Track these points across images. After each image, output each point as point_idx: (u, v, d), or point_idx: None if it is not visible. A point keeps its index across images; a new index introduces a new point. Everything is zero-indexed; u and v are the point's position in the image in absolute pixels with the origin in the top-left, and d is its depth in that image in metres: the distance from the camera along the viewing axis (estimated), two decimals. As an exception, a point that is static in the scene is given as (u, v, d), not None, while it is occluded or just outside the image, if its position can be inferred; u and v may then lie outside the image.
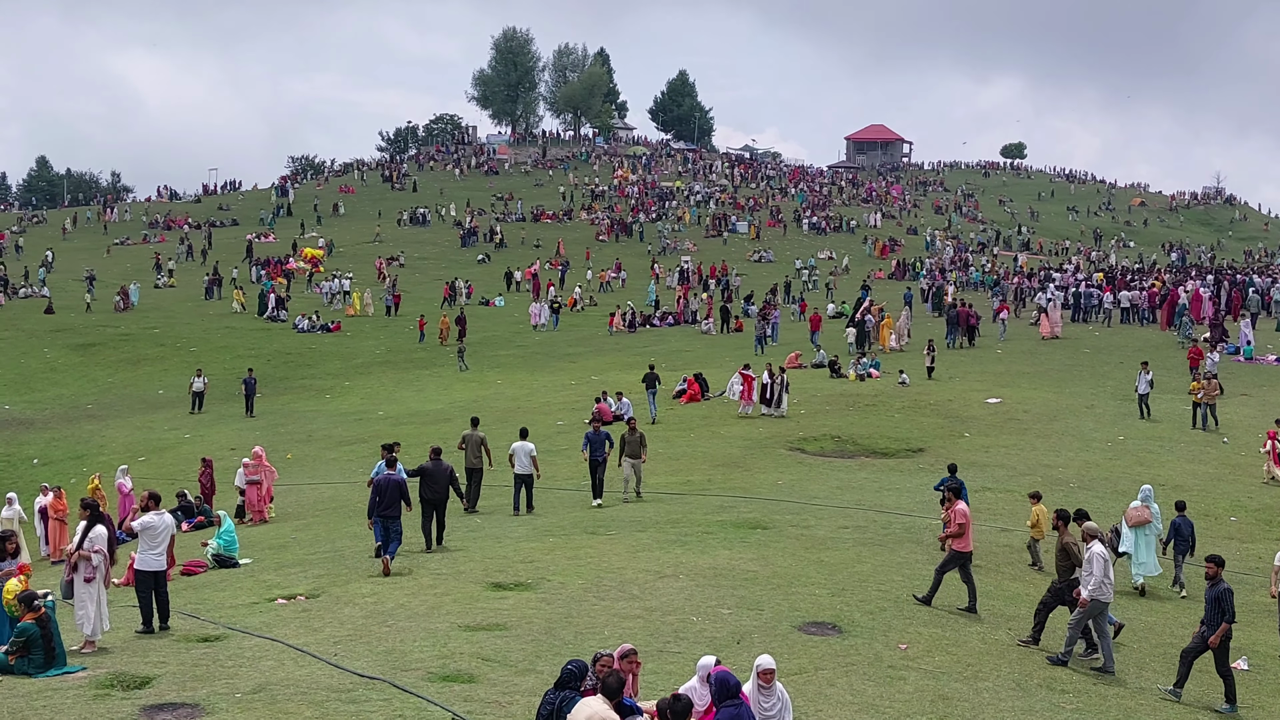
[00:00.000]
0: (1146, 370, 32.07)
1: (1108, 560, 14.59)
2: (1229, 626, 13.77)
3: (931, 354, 38.36)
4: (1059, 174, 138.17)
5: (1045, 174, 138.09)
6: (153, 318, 57.07)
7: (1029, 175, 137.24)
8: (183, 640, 13.91)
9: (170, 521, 14.84)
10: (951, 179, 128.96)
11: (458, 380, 44.67)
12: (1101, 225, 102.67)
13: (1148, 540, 19.11)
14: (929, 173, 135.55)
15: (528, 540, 19.48)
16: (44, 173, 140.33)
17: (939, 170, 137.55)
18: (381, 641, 13.50)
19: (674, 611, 14.98)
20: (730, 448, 29.54)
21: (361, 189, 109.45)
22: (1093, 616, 14.59)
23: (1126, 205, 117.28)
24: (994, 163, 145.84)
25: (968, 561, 16.34)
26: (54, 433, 39.07)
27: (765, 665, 10.46)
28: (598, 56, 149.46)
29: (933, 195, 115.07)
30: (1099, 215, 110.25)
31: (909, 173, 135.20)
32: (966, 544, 16.35)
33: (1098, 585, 14.36)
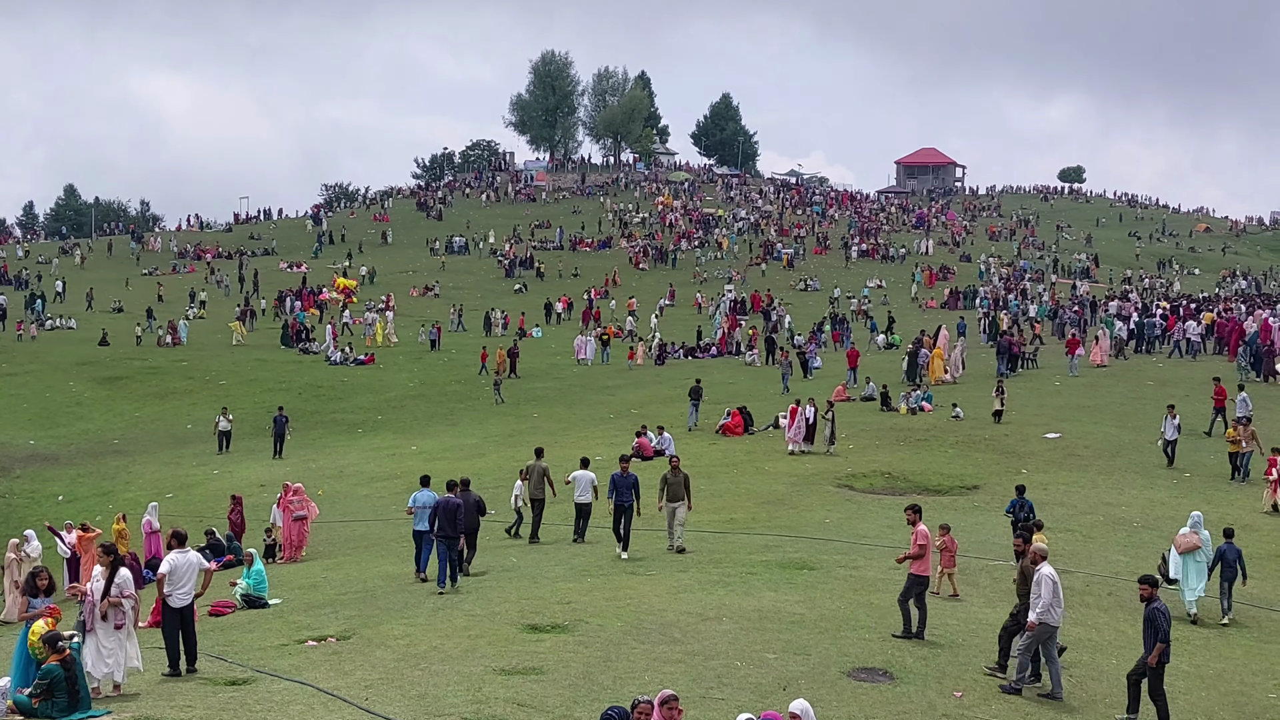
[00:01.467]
0: (1173, 415, 30.55)
1: (1057, 583, 14.81)
2: (1164, 647, 13.87)
3: (1001, 396, 35.92)
4: (1120, 199, 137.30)
5: (1105, 199, 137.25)
6: (182, 350, 57.79)
7: (1088, 200, 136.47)
8: (210, 683, 13.99)
9: (195, 559, 14.90)
10: (1007, 204, 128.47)
11: (493, 415, 44.83)
12: (1164, 252, 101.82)
13: (1199, 566, 19.20)
14: (983, 198, 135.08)
15: (565, 580, 19.47)
16: (72, 201, 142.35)
17: (994, 195, 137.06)
18: (414, 685, 13.52)
19: (717, 656, 14.91)
20: (775, 484, 29.44)
21: (396, 217, 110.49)
22: (1041, 641, 14.69)
23: (1190, 231, 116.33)
24: (1052, 187, 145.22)
25: (924, 587, 16.62)
26: (79, 469, 39.49)
27: (793, 710, 10.39)
28: (638, 80, 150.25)
29: (987, 221, 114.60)
30: (1162, 241, 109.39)
31: (962, 197, 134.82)
32: (926, 568, 16.63)
33: (1046, 608, 14.55)
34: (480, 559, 22.30)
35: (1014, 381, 44.23)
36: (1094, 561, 21.93)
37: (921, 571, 16.53)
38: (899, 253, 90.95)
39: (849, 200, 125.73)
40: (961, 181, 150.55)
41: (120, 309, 70.94)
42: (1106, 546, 22.42)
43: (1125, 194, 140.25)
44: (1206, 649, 17.47)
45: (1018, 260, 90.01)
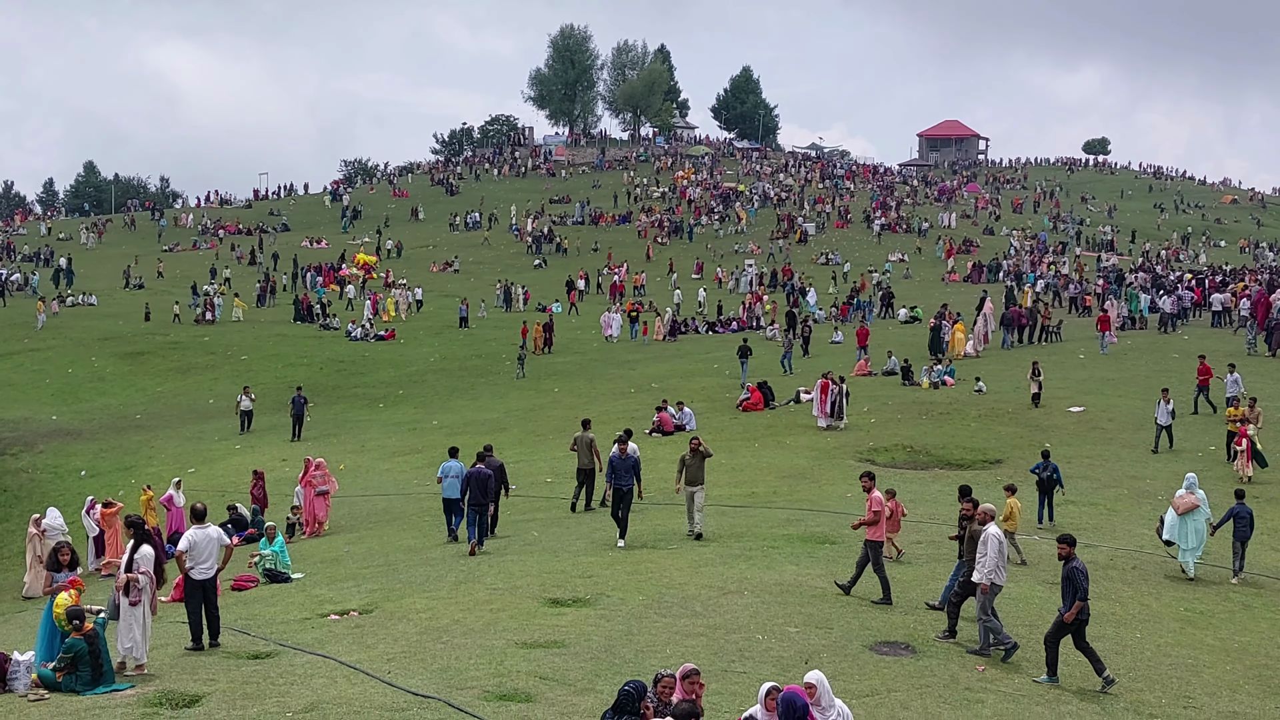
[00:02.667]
0: (1167, 399, 29.22)
1: (1003, 543, 15.00)
2: (1083, 604, 14.02)
3: (1038, 379, 34.39)
4: (1145, 170, 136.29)
5: (1130, 171, 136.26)
6: (203, 326, 57.98)
7: (1113, 171, 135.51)
8: (233, 657, 14.07)
9: (215, 535, 14.91)
10: (1031, 176, 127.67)
11: (514, 389, 44.89)
12: (1190, 223, 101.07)
13: (1197, 526, 19.62)
14: (1007, 170, 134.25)
15: (586, 554, 19.51)
16: (91, 178, 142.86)
17: (1017, 167, 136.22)
18: (436, 659, 13.57)
19: (739, 629, 14.92)
20: (797, 458, 29.42)
21: (415, 193, 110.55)
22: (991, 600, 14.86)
23: (1215, 202, 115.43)
24: (1076, 159, 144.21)
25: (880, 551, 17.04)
26: (102, 444, 39.73)
27: (807, 679, 10.39)
28: (658, 53, 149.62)
29: (1011, 194, 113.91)
30: (1187, 213, 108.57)
31: (985, 170, 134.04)
32: (880, 533, 17.02)
33: (994, 568, 14.77)
34: (500, 533, 22.39)
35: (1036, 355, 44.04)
36: (1118, 535, 21.85)
37: (876, 537, 16.97)
38: (921, 226, 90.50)
39: (870, 173, 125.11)
40: (985, 154, 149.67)
41: (141, 285, 71.24)
42: (1130, 520, 22.32)
43: (1151, 165, 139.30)
44: (1231, 622, 17.39)
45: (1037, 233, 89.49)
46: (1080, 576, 14.08)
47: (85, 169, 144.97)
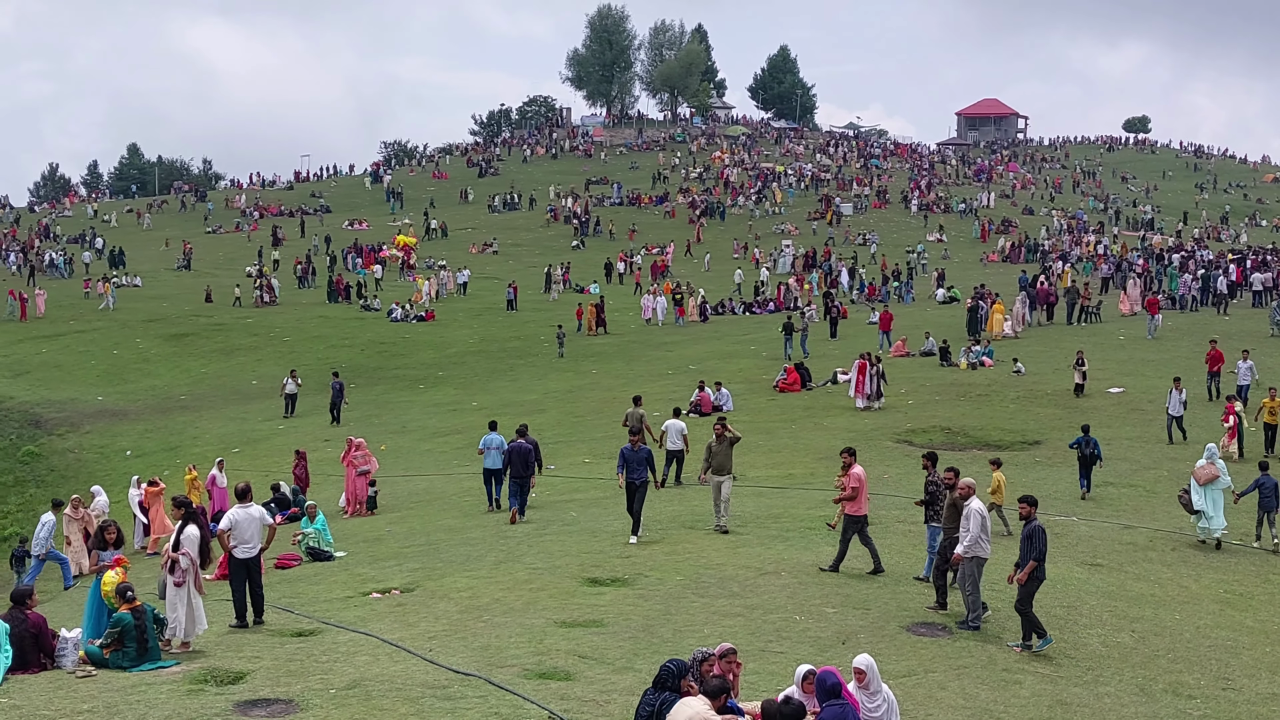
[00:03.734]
0: (1179, 388, 28.17)
1: (985, 516, 15.02)
2: (1036, 564, 14.04)
3: (1082, 369, 33.19)
4: (1186, 149, 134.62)
5: (1171, 149, 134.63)
6: (246, 307, 58.38)
7: (1153, 150, 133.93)
8: (277, 635, 14.23)
9: (258, 514, 15.01)
10: (1071, 155, 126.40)
11: (553, 370, 45.00)
12: (1232, 203, 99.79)
13: (1216, 496, 20.14)
14: (1046, 149, 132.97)
15: (626, 535, 19.57)
16: (135, 160, 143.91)
17: (1057, 146, 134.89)
18: (477, 637, 13.67)
19: (776, 610, 14.94)
20: (834, 439, 29.32)
21: (454, 174, 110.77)
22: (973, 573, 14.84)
23: (1257, 181, 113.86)
24: (1115, 138, 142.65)
25: (864, 525, 17.21)
26: (147, 424, 40.16)
27: (856, 664, 10.41)
28: (695, 33, 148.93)
29: (1050, 173, 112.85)
30: (1229, 192, 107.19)
31: (1025, 149, 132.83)
32: (860, 507, 17.14)
33: (974, 541, 14.75)
34: (541, 513, 22.50)
35: (1077, 335, 43.73)
36: (1157, 517, 21.71)
37: (856, 511, 17.12)
38: (959, 206, 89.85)
39: (908, 153, 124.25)
40: (1024, 132, 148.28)
41: (188, 266, 71.79)
42: (1170, 502, 22.14)
43: (1191, 144, 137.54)
44: (1271, 604, 17.27)
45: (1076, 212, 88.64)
46: (1040, 537, 14.17)
47: (129, 151, 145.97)
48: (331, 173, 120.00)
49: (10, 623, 12.78)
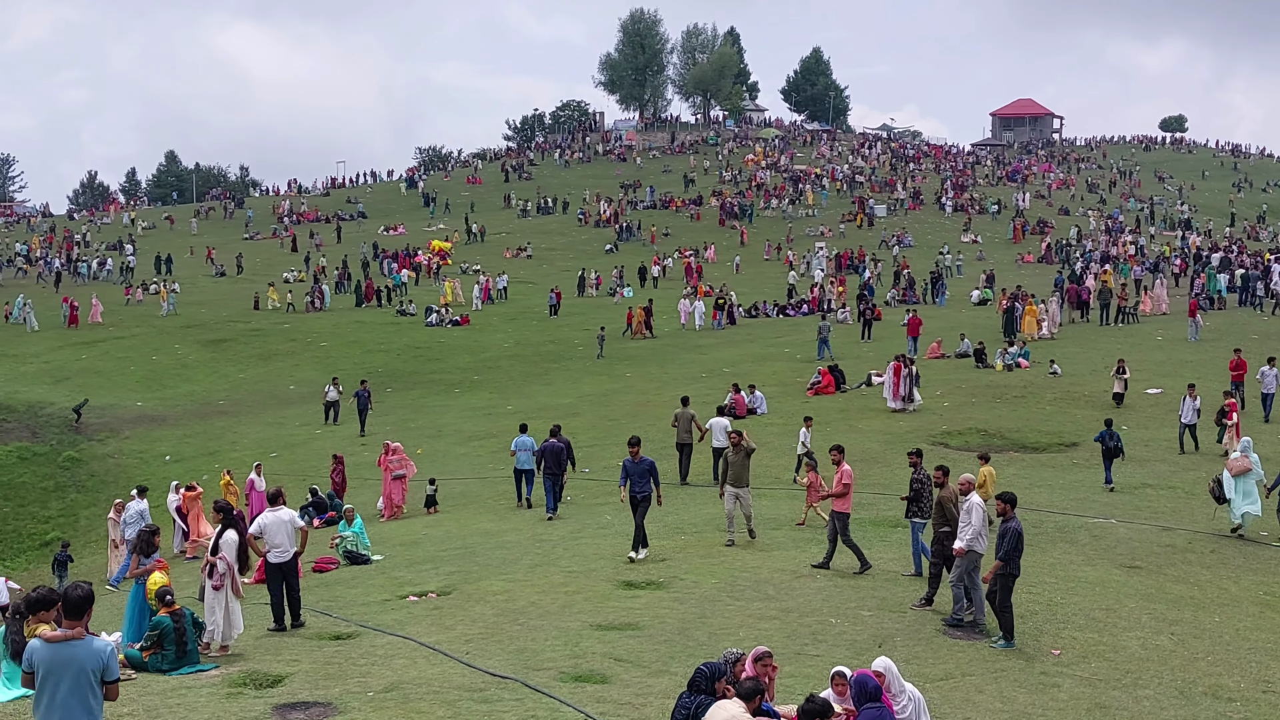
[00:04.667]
0: (1194, 395, 27.30)
1: (985, 511, 15.07)
2: (1003, 563, 14.03)
3: (1123, 377, 32.23)
4: (1223, 148, 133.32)
5: (1208, 149, 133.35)
6: (283, 313, 58.74)
7: (1190, 150, 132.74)
8: (315, 638, 14.32)
9: (288, 517, 15.06)
10: (1107, 155, 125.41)
11: (587, 374, 45.06)
12: (1269, 201, 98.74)
13: (1248, 487, 20.66)
14: (1082, 149, 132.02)
15: (659, 538, 19.57)
16: (173, 167, 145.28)
17: (1092, 146, 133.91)
18: (513, 640, 13.71)
19: (812, 613, 14.91)
20: (869, 442, 29.24)
21: (488, 179, 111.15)
22: (969, 569, 14.80)
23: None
24: (1152, 137, 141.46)
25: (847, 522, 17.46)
26: (186, 429, 40.48)
27: (875, 668, 10.36)
28: (728, 36, 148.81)
29: (1087, 173, 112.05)
30: (1267, 191, 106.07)
31: (1060, 149, 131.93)
32: (847, 505, 17.49)
33: (975, 536, 14.75)
34: (576, 517, 22.54)
35: (1114, 336, 43.40)
36: (1196, 519, 21.50)
37: (843, 509, 17.43)
38: (993, 208, 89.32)
39: (942, 154, 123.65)
40: (1059, 132, 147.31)
41: (223, 273, 72.38)
42: (1210, 504, 21.93)
43: (1229, 143, 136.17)
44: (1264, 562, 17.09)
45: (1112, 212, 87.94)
46: (1011, 538, 14.13)
47: (166, 158, 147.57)
48: (373, 177, 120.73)
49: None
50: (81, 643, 7.96)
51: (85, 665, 7.92)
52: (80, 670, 7.91)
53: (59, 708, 7.87)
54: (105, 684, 8.02)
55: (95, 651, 7.99)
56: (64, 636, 7.96)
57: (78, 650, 7.93)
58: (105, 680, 8.01)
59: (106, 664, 8.00)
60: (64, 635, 7.96)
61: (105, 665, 7.98)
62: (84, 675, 7.92)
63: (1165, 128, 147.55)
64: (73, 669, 7.89)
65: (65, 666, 7.88)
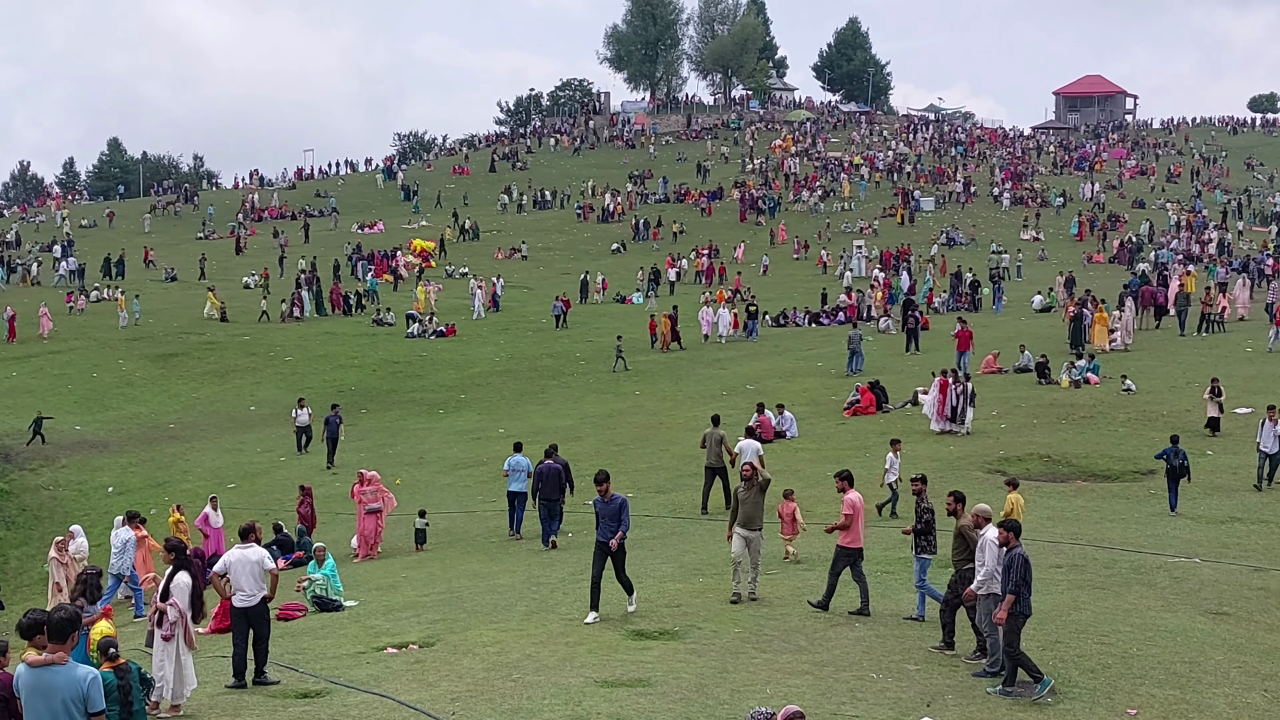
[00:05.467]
0: (1275, 419, 26.47)
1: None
2: (1014, 596, 14.11)
3: (1218, 400, 31.16)
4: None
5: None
6: (242, 323, 58.73)
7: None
8: (279, 696, 14.32)
9: (256, 557, 15.06)
10: (1191, 138, 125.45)
11: (590, 392, 45.13)
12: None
13: None
14: (1159, 132, 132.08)
15: (674, 580, 19.57)
16: (117, 156, 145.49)
17: (1171, 129, 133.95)
18: (506, 699, 13.70)
19: (849, 667, 14.88)
20: (915, 469, 29.17)
21: (477, 169, 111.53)
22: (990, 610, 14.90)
23: None
24: (1240, 118, 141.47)
25: (859, 559, 17.62)
26: (131, 456, 40.57)
27: None
28: (751, 5, 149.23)
29: (1166, 160, 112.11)
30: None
31: (1134, 132, 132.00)
32: (856, 539, 17.57)
33: (989, 575, 14.86)
34: (576, 556, 22.52)
35: (1197, 347, 43.33)
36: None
37: (851, 544, 17.58)
38: (1057, 200, 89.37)
39: (998, 139, 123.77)
40: (1132, 114, 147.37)
41: (174, 278, 72.51)
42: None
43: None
44: None
45: (1194, 205, 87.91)
46: (1019, 566, 14.22)
47: (109, 147, 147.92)
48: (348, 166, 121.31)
49: (-23, 684, 12.88)
50: (63, 669, 8.63)
51: (64, 693, 8.57)
52: (58, 696, 8.57)
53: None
54: (90, 715, 8.63)
55: (75, 680, 8.61)
56: (45, 661, 8.63)
57: (58, 677, 8.61)
58: (89, 711, 8.64)
59: (87, 693, 8.61)
60: (45, 660, 8.64)
61: (86, 695, 8.61)
62: (62, 702, 8.57)
63: (1255, 107, 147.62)
64: (51, 695, 8.57)
65: (45, 692, 8.57)
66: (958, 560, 15.92)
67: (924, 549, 17.27)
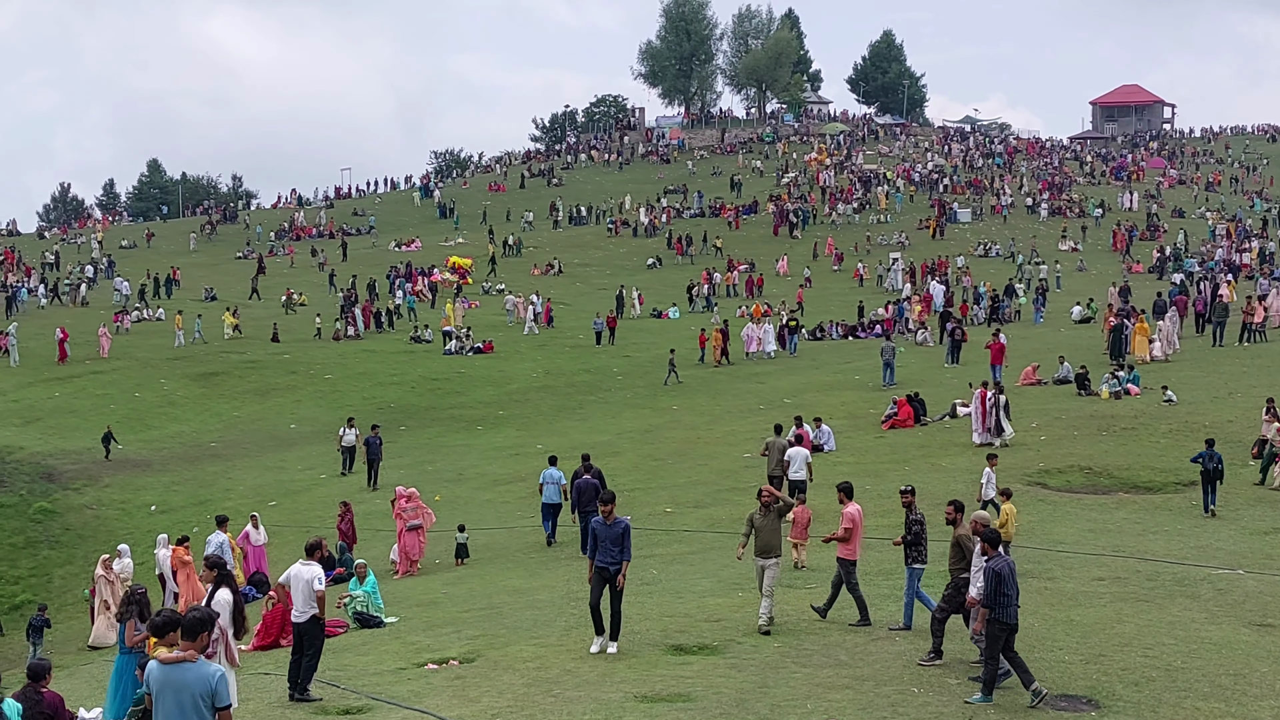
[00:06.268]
0: None
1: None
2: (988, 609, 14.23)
3: (1276, 423, 28.54)
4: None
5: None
6: (283, 342, 58.99)
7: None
8: (321, 713, 14.39)
9: (309, 575, 15.27)
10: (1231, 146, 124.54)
11: (627, 407, 45.16)
12: None
13: None
14: (1198, 141, 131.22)
15: (713, 595, 19.55)
16: (156, 177, 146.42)
17: (1209, 137, 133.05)
18: (546, 714, 13.71)
19: (890, 681, 14.82)
20: (953, 482, 29.05)
21: (513, 185, 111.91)
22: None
23: None
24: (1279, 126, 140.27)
25: (853, 570, 17.73)
26: (174, 475, 40.83)
27: None
28: (785, 19, 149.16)
29: (1206, 168, 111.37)
30: None
31: (1172, 142, 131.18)
32: (853, 551, 17.71)
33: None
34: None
35: (1239, 357, 42.99)
36: (1339, 569, 21.19)
37: (848, 555, 17.70)
38: (1095, 211, 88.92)
39: (1035, 149, 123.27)
40: (1170, 123, 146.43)
41: (214, 297, 72.88)
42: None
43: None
44: None
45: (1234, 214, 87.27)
46: (991, 579, 14.22)
47: (149, 168, 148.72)
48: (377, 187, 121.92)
49: (24, 702, 12.99)
50: (193, 666, 9.32)
51: (193, 689, 9.25)
52: (188, 693, 9.26)
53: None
54: (216, 710, 9.32)
55: (204, 676, 9.29)
56: (177, 658, 9.34)
57: (188, 673, 9.29)
58: (216, 706, 9.30)
59: (215, 689, 9.27)
60: (177, 657, 9.35)
61: (213, 690, 9.27)
62: (192, 698, 9.26)
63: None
64: (181, 691, 9.27)
65: (175, 688, 9.28)
66: (954, 569, 15.96)
67: (915, 559, 17.34)
